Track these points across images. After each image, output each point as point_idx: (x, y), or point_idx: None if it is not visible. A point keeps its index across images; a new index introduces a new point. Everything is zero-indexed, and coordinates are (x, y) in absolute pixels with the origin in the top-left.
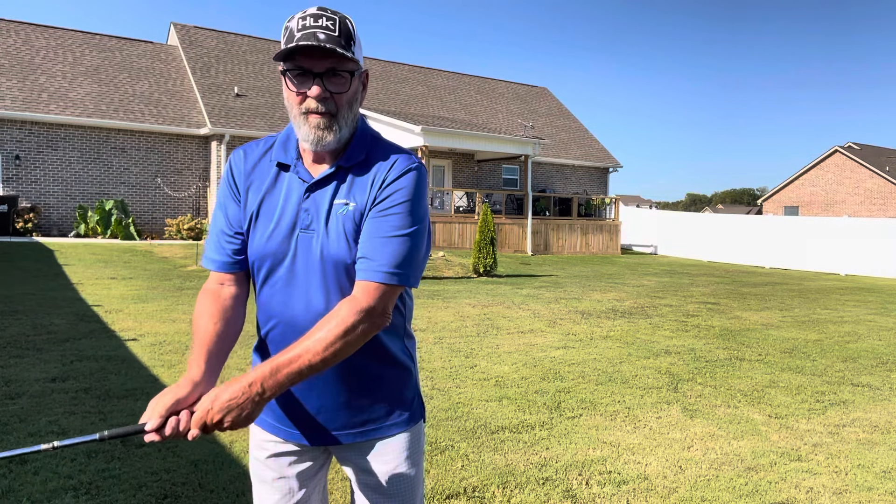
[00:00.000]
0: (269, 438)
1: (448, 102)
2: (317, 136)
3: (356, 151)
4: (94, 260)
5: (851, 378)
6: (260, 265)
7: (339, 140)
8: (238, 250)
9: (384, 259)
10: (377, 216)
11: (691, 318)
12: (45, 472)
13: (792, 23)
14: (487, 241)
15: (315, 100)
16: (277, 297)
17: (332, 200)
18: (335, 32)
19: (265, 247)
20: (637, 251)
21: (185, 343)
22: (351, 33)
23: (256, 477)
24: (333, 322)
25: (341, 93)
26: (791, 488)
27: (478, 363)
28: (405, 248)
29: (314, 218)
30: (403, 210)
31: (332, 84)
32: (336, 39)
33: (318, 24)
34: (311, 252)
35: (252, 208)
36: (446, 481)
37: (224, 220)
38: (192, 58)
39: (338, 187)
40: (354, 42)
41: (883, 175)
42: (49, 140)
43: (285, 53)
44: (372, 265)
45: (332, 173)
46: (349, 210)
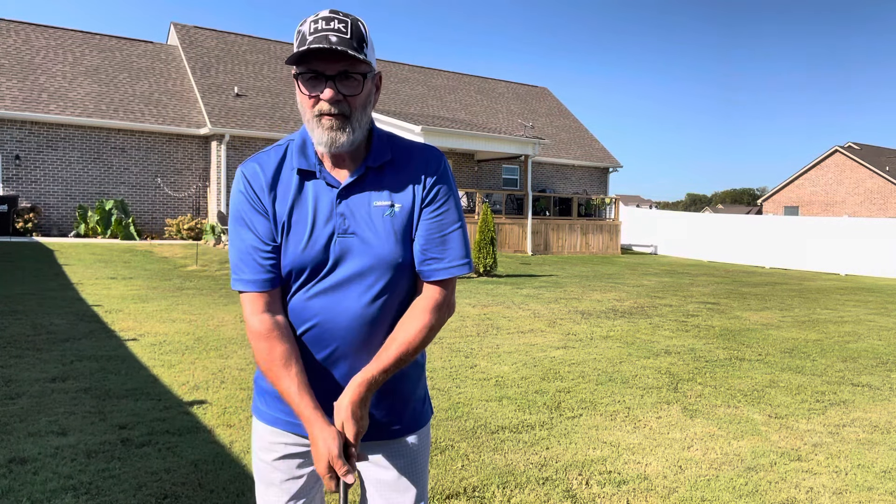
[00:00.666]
0: (281, 440)
1: (448, 102)
2: (330, 138)
3: (381, 152)
4: (94, 260)
5: (851, 378)
6: (298, 274)
7: (352, 142)
8: (276, 264)
9: (453, 254)
10: (432, 215)
11: (691, 318)
12: (45, 472)
13: (792, 23)
14: (487, 241)
15: (328, 102)
16: (317, 301)
17: (369, 202)
18: (347, 35)
19: (303, 255)
20: (637, 251)
21: (186, 343)
22: (363, 36)
23: (263, 480)
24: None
25: (354, 95)
26: (791, 488)
27: (478, 363)
28: (462, 237)
29: (352, 222)
30: (452, 203)
31: (345, 86)
32: (348, 42)
33: (331, 27)
34: (357, 255)
35: (282, 219)
36: (446, 481)
37: (254, 236)
38: (192, 58)
39: (372, 189)
40: (367, 44)
41: (883, 175)
42: (49, 140)
43: (297, 57)
44: (440, 263)
45: (362, 175)
46: (396, 211)
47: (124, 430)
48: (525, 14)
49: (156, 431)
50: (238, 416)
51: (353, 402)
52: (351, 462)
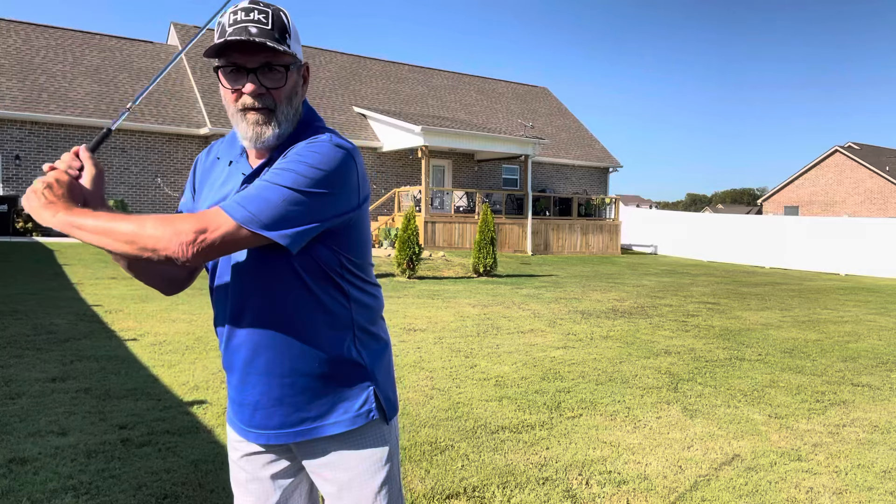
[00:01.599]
0: (238, 437)
1: (448, 102)
2: (255, 133)
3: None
4: (94, 260)
5: (851, 378)
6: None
7: (279, 136)
8: None
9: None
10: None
11: (691, 318)
12: (45, 472)
13: (792, 23)
14: (487, 241)
15: (250, 96)
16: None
17: None
18: (268, 25)
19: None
20: (637, 251)
21: (186, 343)
22: (285, 25)
23: (232, 479)
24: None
25: (278, 88)
26: (791, 488)
27: (478, 363)
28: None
29: None
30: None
31: (268, 79)
32: (269, 33)
33: (250, 17)
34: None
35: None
36: (446, 481)
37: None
38: (192, 58)
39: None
40: (290, 34)
41: (883, 175)
42: (49, 140)
43: (216, 49)
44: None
45: (264, 164)
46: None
47: (124, 430)
48: (525, 14)
49: (156, 431)
50: None
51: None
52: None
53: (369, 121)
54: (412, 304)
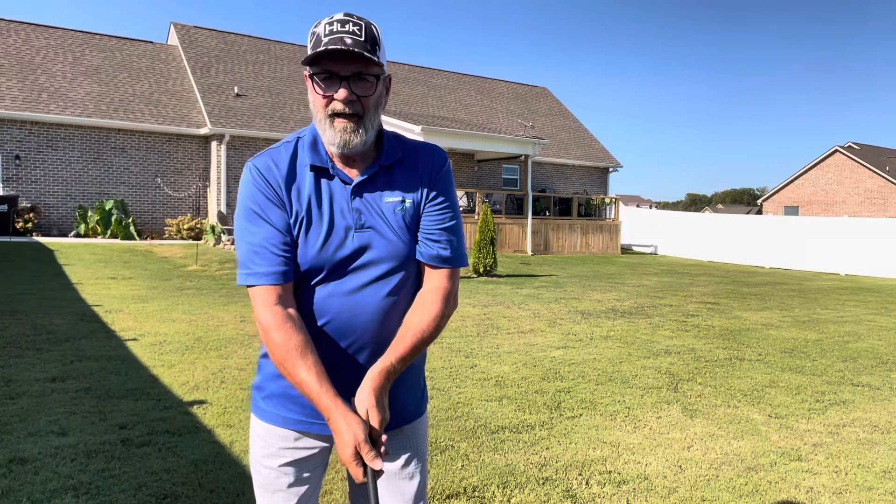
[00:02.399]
0: (289, 445)
1: (448, 102)
2: (343, 140)
3: (392, 151)
4: (94, 260)
5: (851, 378)
6: (316, 269)
7: (364, 143)
8: (291, 257)
9: (452, 246)
10: (436, 209)
11: (691, 318)
12: (45, 472)
13: (792, 23)
14: (487, 240)
15: (342, 102)
16: (337, 294)
17: (381, 198)
18: (362, 37)
19: (322, 250)
20: (637, 251)
21: (186, 343)
22: (376, 38)
23: (267, 488)
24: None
25: (368, 96)
26: (791, 488)
27: (478, 363)
28: (460, 233)
29: (368, 217)
30: (451, 202)
31: (359, 87)
32: (363, 44)
33: (346, 29)
34: (375, 248)
35: (300, 214)
36: (446, 481)
37: (270, 228)
38: (192, 58)
39: (384, 185)
40: (379, 47)
41: (883, 175)
42: (49, 140)
43: (313, 57)
44: (444, 253)
45: (375, 173)
46: (406, 207)
47: (124, 430)
48: (525, 14)
49: (156, 431)
50: (238, 416)
51: (374, 389)
52: (377, 448)
53: None
54: None
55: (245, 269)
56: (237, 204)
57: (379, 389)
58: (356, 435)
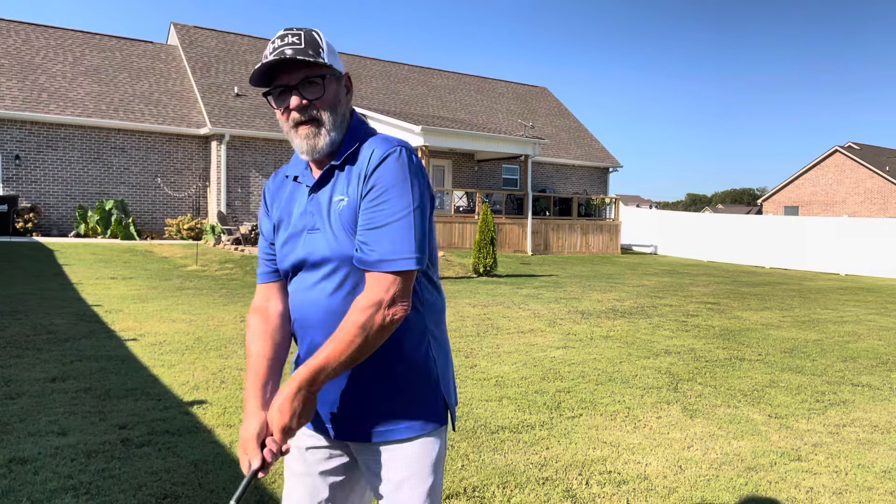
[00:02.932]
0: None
1: (448, 102)
2: (309, 146)
3: (345, 149)
4: (94, 260)
5: (851, 378)
6: (285, 270)
7: (331, 143)
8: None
9: (385, 248)
10: (369, 207)
11: (691, 318)
12: (45, 472)
13: (792, 23)
14: (487, 240)
15: (297, 111)
16: (296, 296)
17: (330, 198)
18: (301, 45)
19: (283, 252)
20: (637, 251)
21: (186, 343)
22: (317, 42)
23: (288, 468)
24: (350, 320)
25: (319, 97)
26: (791, 488)
27: (478, 363)
28: (403, 231)
29: (318, 218)
30: (387, 197)
31: (309, 91)
32: (303, 51)
33: (285, 42)
34: (319, 250)
35: (276, 220)
36: (446, 481)
37: (262, 238)
38: (192, 58)
39: (335, 185)
40: (323, 49)
41: (883, 175)
42: (49, 140)
43: (259, 75)
44: (374, 256)
45: (325, 173)
46: (344, 205)
47: (124, 430)
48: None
49: (156, 431)
50: (238, 416)
51: (282, 394)
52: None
53: (369, 121)
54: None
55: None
56: None
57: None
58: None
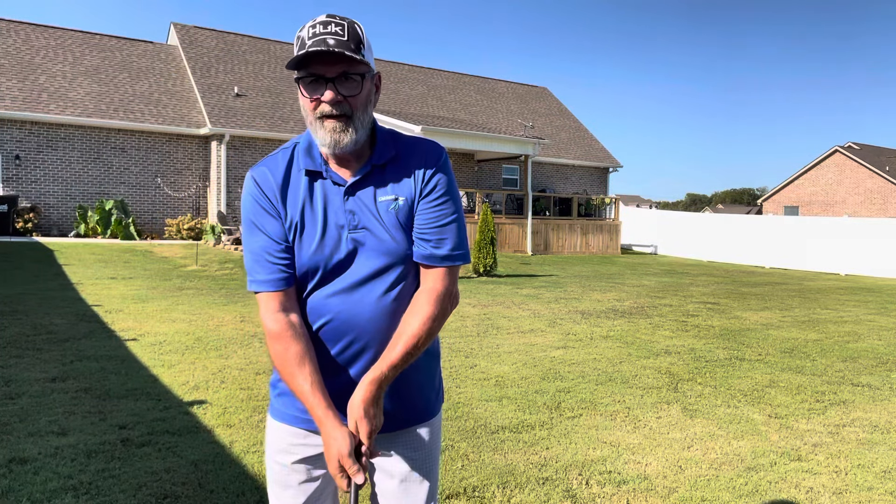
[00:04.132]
0: (300, 441)
1: (448, 102)
2: (333, 140)
3: (385, 149)
4: (94, 260)
5: (851, 378)
6: (312, 273)
7: (356, 142)
8: (289, 264)
9: (445, 247)
10: (427, 208)
11: (691, 318)
12: (45, 472)
13: (792, 23)
14: (487, 240)
15: (329, 104)
16: (336, 296)
17: (375, 197)
18: (344, 37)
19: (317, 254)
20: (637, 251)
21: (186, 343)
22: (360, 37)
23: (279, 483)
24: (421, 313)
25: (354, 95)
26: (791, 488)
27: (478, 363)
28: (459, 229)
29: (361, 217)
30: (450, 196)
31: (345, 88)
32: (346, 44)
33: (328, 30)
34: (369, 248)
35: (294, 219)
36: (446, 481)
37: (265, 238)
38: (192, 58)
39: (377, 184)
40: (364, 45)
41: (883, 175)
42: (49, 140)
43: (297, 61)
44: (438, 252)
45: (368, 173)
46: (399, 204)
47: (124, 430)
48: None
49: (156, 431)
50: (238, 416)
51: (364, 400)
52: (362, 461)
53: None
54: None
55: (250, 276)
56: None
57: (368, 401)
58: (340, 450)
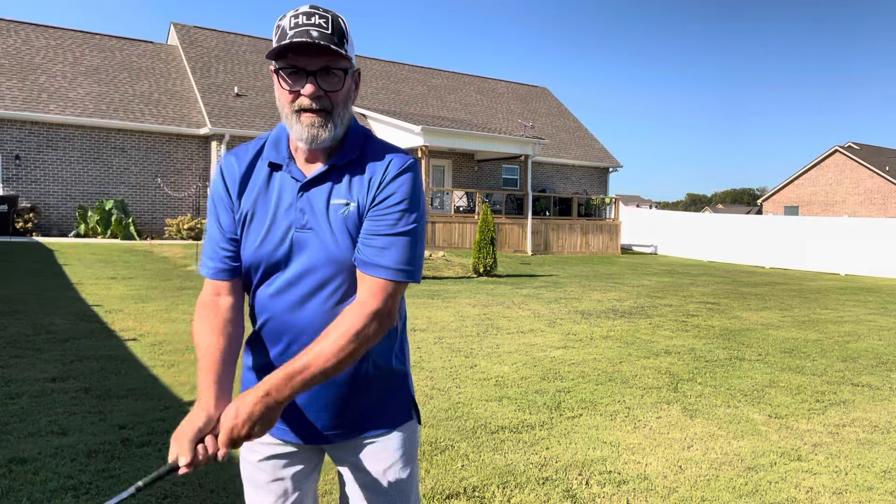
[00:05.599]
0: (263, 440)
1: (448, 102)
2: (311, 135)
3: (350, 149)
4: (94, 260)
5: (851, 378)
6: (256, 267)
7: (333, 138)
8: (232, 257)
9: (388, 258)
10: (377, 215)
11: (691, 318)
12: (45, 472)
13: (792, 23)
14: (487, 240)
15: (309, 98)
16: (275, 296)
17: (328, 199)
18: (328, 30)
19: (261, 249)
20: (637, 251)
21: (186, 343)
22: (343, 31)
23: (249, 481)
24: (343, 327)
25: (336, 91)
26: (791, 488)
27: (478, 363)
28: (407, 245)
29: (311, 217)
30: (403, 208)
31: (326, 82)
32: (329, 37)
33: (311, 21)
34: (311, 251)
35: (246, 211)
36: (446, 481)
37: (216, 226)
38: (192, 58)
39: (333, 186)
40: (347, 40)
41: (883, 175)
42: (49, 140)
43: (278, 51)
44: (376, 265)
45: (325, 171)
46: (350, 210)
47: (124, 430)
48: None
49: (156, 431)
50: None
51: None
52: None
53: (369, 121)
54: (412, 304)
55: (202, 258)
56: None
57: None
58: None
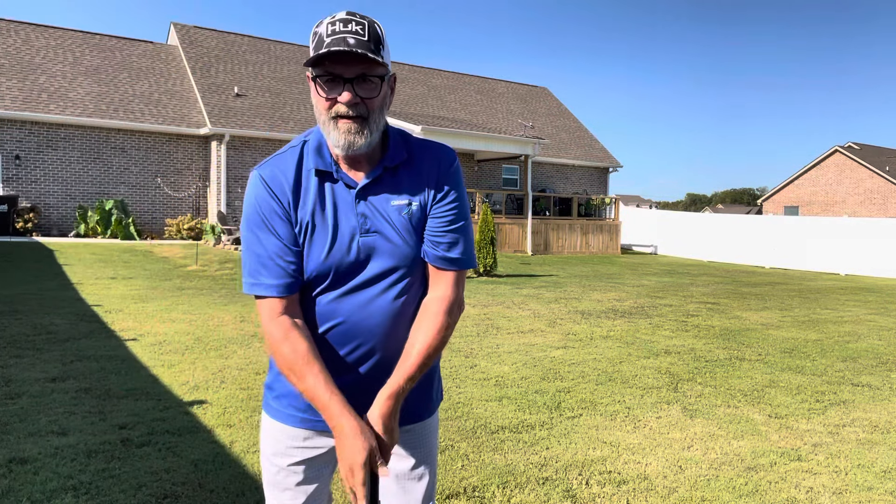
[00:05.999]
0: (299, 444)
1: (448, 102)
2: (348, 141)
3: (397, 152)
4: (94, 260)
5: (851, 378)
6: (324, 275)
7: (369, 144)
8: (298, 269)
9: (457, 251)
10: (441, 212)
11: (691, 318)
12: (45, 472)
13: (792, 23)
14: (487, 240)
15: (346, 105)
16: (345, 300)
17: (389, 201)
18: (365, 37)
19: (330, 257)
20: (637, 251)
21: (186, 343)
22: (380, 38)
23: (277, 485)
24: (441, 320)
25: (372, 97)
26: (791, 488)
27: (478, 363)
28: (469, 234)
29: (373, 221)
30: (460, 202)
31: (363, 89)
32: (366, 44)
33: (348, 28)
34: (381, 253)
35: (305, 221)
36: (446, 481)
37: (276, 241)
38: (192, 58)
39: (390, 188)
40: (383, 46)
41: (883, 175)
42: (49, 140)
43: (315, 59)
44: (450, 259)
45: (379, 175)
46: (413, 209)
47: (124, 430)
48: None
49: (156, 431)
50: (238, 415)
51: (382, 415)
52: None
53: None
54: None
55: (252, 279)
56: (243, 212)
57: (387, 414)
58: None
